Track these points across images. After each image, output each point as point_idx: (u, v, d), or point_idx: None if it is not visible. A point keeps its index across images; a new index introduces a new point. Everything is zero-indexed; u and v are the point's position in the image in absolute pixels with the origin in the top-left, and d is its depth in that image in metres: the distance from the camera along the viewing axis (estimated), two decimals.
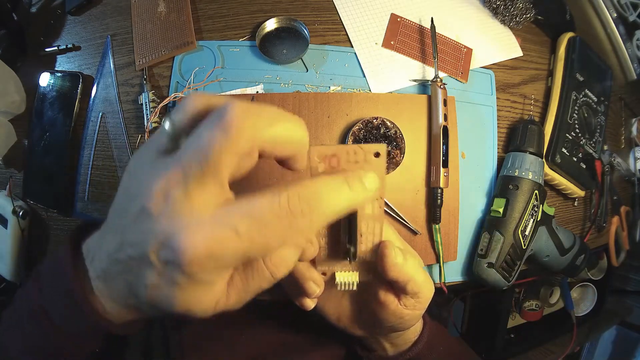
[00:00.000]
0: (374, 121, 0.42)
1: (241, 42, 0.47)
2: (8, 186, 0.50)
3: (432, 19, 0.47)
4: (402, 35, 0.49)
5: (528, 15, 0.52)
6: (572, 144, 0.50)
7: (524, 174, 0.44)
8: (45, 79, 0.50)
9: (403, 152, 0.42)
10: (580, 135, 0.51)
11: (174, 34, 0.47)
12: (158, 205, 0.19)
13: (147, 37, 0.48)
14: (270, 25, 0.47)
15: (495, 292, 0.54)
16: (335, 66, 0.47)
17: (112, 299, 0.25)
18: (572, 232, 0.50)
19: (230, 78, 0.46)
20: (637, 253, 0.65)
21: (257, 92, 0.45)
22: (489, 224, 0.45)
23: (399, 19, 0.49)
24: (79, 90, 0.48)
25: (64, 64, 0.52)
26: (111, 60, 0.49)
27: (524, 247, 0.44)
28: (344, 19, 0.48)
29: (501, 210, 0.44)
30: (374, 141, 0.41)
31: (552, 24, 0.54)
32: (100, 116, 0.48)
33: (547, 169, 0.48)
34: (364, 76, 0.47)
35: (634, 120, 0.64)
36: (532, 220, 0.44)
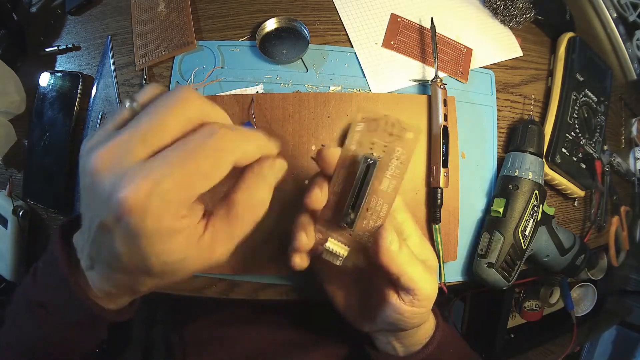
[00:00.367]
0: None
1: (241, 42, 0.47)
2: (8, 186, 0.50)
3: (432, 19, 0.47)
4: (402, 35, 0.49)
5: (528, 15, 0.52)
6: (572, 144, 0.50)
7: (524, 174, 0.44)
8: (45, 79, 0.50)
9: None
10: (580, 135, 0.51)
11: (174, 34, 0.47)
12: (104, 168, 0.19)
13: (147, 37, 0.48)
14: (270, 25, 0.47)
15: (495, 292, 0.54)
16: (335, 66, 0.47)
17: (102, 287, 0.25)
18: (572, 232, 0.50)
19: (230, 78, 0.46)
20: (637, 253, 0.65)
21: (257, 92, 0.45)
22: (489, 224, 0.45)
23: (399, 19, 0.49)
24: (79, 90, 0.48)
25: (64, 64, 0.52)
26: (111, 60, 0.49)
27: (524, 247, 0.44)
28: (344, 19, 0.48)
29: (501, 210, 0.44)
30: None
31: (552, 24, 0.54)
32: (100, 116, 0.48)
33: (547, 169, 0.48)
34: (364, 76, 0.47)
35: (634, 120, 0.64)
36: (532, 220, 0.44)
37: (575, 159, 0.50)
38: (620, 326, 0.83)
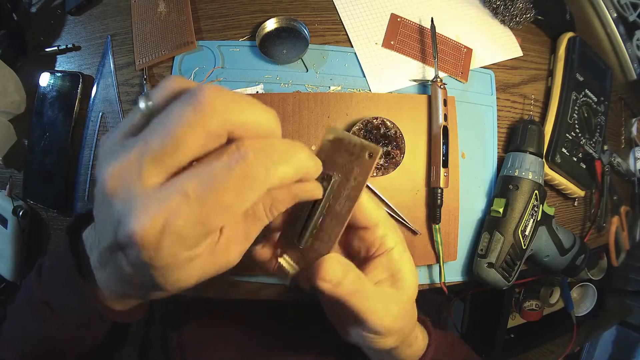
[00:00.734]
0: (374, 121, 0.42)
1: (241, 42, 0.47)
2: (8, 186, 0.50)
3: (432, 19, 0.47)
4: (402, 35, 0.49)
5: (528, 15, 0.52)
6: (572, 144, 0.50)
7: (524, 174, 0.44)
8: (45, 79, 0.50)
9: (403, 152, 0.42)
10: (580, 135, 0.51)
11: (174, 34, 0.47)
12: (114, 190, 0.17)
13: (147, 37, 0.48)
14: (270, 25, 0.47)
15: (495, 292, 0.54)
16: (335, 66, 0.47)
17: (111, 289, 0.24)
18: (572, 232, 0.50)
19: (230, 78, 0.46)
20: (637, 253, 0.65)
21: (257, 92, 0.45)
22: (489, 224, 0.45)
23: (399, 19, 0.49)
24: (79, 90, 0.48)
25: (64, 64, 0.52)
26: (111, 60, 0.49)
27: (524, 247, 0.44)
28: (344, 19, 0.48)
29: (501, 210, 0.44)
30: (374, 141, 0.41)
31: (552, 24, 0.54)
32: (100, 116, 0.48)
33: (547, 169, 0.48)
34: (364, 76, 0.47)
35: (634, 120, 0.64)
36: (532, 220, 0.44)
37: (575, 159, 0.50)
38: (620, 326, 0.83)
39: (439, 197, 0.43)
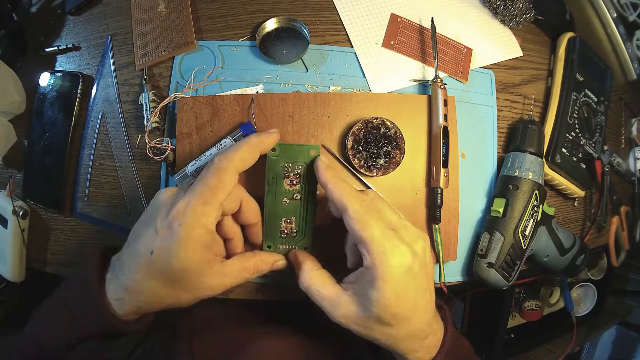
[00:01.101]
0: (374, 121, 0.42)
1: (241, 42, 0.47)
2: (8, 186, 0.50)
3: (432, 19, 0.47)
4: (402, 35, 0.49)
5: (528, 15, 0.52)
6: (572, 144, 0.50)
7: (524, 174, 0.44)
8: (45, 79, 0.50)
9: (403, 152, 0.42)
10: (580, 135, 0.51)
11: (174, 34, 0.47)
12: (161, 229, 0.29)
13: (147, 37, 0.48)
14: (270, 25, 0.47)
15: (495, 292, 0.54)
16: (335, 66, 0.47)
17: (133, 305, 0.31)
18: (572, 232, 0.49)
19: (230, 78, 0.46)
20: (637, 253, 0.65)
21: (257, 92, 0.45)
22: (489, 224, 0.45)
23: (399, 19, 0.49)
24: (79, 90, 0.48)
25: (64, 64, 0.52)
26: (111, 60, 0.49)
27: (524, 247, 0.44)
28: (344, 19, 0.48)
29: (501, 210, 0.44)
30: (374, 141, 0.41)
31: (552, 24, 0.54)
32: (100, 116, 0.48)
33: (547, 169, 0.48)
34: (364, 76, 0.47)
35: (634, 120, 0.64)
36: (532, 220, 0.44)
37: (575, 159, 0.50)
38: (620, 326, 0.83)
39: (439, 197, 0.43)
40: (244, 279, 0.33)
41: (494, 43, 0.52)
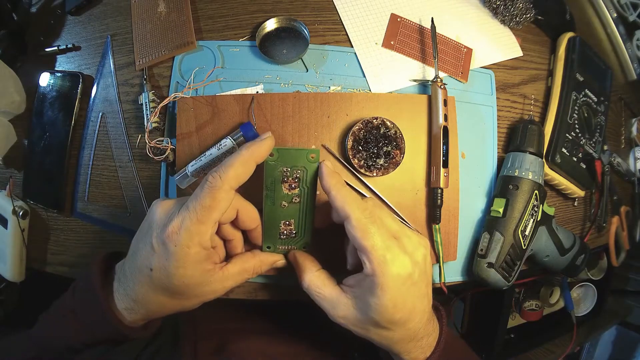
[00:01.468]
0: (374, 121, 0.42)
1: (241, 42, 0.47)
2: (8, 186, 0.50)
3: (432, 19, 0.47)
4: (402, 35, 0.49)
5: (528, 15, 0.51)
6: (572, 144, 0.50)
7: (524, 174, 0.44)
8: (45, 79, 0.50)
9: (403, 152, 0.42)
10: (580, 135, 0.51)
11: (174, 34, 0.47)
12: (157, 247, 0.29)
13: (147, 37, 0.48)
14: (270, 25, 0.47)
15: (495, 292, 0.54)
16: (335, 66, 0.47)
17: (142, 313, 0.32)
18: (572, 232, 0.49)
19: (230, 78, 0.46)
20: (637, 253, 0.65)
21: (257, 92, 0.45)
22: (489, 224, 0.45)
23: (399, 19, 0.49)
24: (79, 90, 0.48)
25: (64, 64, 0.52)
26: (111, 60, 0.49)
27: (524, 247, 0.44)
28: (344, 19, 0.48)
29: (501, 210, 0.44)
30: (374, 141, 0.41)
31: (552, 24, 0.54)
32: (100, 116, 0.48)
33: (547, 169, 0.48)
34: (364, 76, 0.47)
35: (634, 120, 0.64)
36: (532, 220, 0.44)
37: (575, 159, 0.50)
38: (620, 326, 0.83)
39: (439, 197, 0.43)
40: (245, 279, 0.34)
41: (494, 43, 0.52)
